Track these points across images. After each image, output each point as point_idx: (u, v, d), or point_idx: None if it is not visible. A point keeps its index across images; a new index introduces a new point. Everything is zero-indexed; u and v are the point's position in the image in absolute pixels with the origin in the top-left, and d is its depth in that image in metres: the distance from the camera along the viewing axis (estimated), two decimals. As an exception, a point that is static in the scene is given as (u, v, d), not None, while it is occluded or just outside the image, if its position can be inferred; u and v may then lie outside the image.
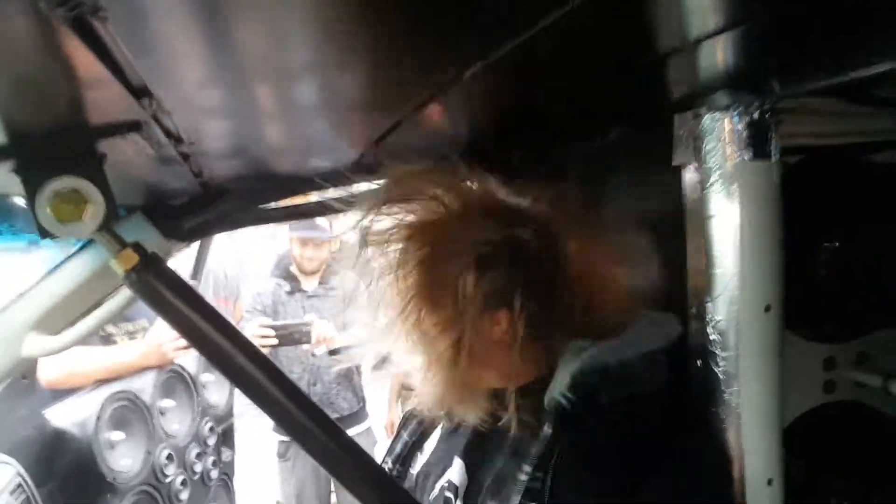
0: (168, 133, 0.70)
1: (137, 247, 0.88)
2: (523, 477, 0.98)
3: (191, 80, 0.57)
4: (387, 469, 1.28)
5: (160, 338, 2.43)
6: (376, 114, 0.84)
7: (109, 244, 0.87)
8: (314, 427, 0.95)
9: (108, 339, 2.52)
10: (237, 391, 2.96)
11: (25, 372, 1.76)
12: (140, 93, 0.53)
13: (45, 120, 0.62)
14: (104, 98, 0.56)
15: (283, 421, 0.96)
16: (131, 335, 2.60)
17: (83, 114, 0.61)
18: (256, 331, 3.26)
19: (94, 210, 0.77)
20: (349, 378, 3.78)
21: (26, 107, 0.57)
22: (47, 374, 2.24)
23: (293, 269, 3.81)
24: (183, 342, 2.39)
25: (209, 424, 2.69)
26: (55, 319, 1.24)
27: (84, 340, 1.21)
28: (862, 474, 1.18)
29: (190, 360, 2.61)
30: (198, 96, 0.63)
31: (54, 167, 0.74)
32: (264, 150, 1.04)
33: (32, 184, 0.75)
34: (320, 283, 3.80)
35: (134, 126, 0.63)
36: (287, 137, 0.95)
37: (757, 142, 0.92)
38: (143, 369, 2.41)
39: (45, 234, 0.77)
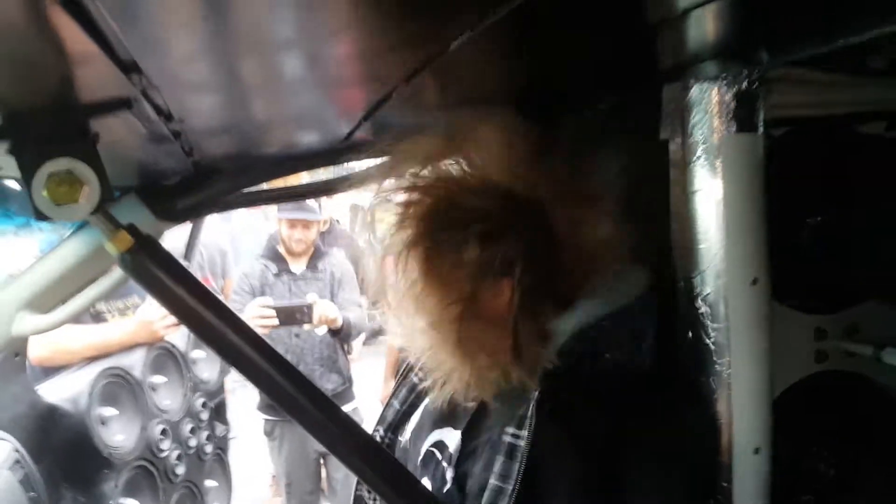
0: (158, 110, 0.70)
1: (132, 228, 0.88)
2: (506, 438, 1.01)
3: (178, 55, 0.57)
4: (378, 437, 1.29)
5: (151, 315, 2.43)
6: (366, 86, 0.84)
7: (104, 226, 0.87)
8: (307, 402, 0.96)
9: (98, 317, 2.52)
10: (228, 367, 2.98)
11: (17, 349, 1.76)
12: (129, 68, 0.53)
13: (38, 99, 0.62)
14: (95, 75, 0.56)
15: (278, 397, 0.97)
16: (122, 312, 2.60)
17: (75, 92, 0.61)
18: (257, 311, 3.25)
19: (90, 191, 0.76)
20: (333, 359, 3.77)
21: (19, 86, 0.56)
22: (36, 351, 2.24)
23: (280, 249, 3.77)
24: (173, 319, 2.39)
25: (201, 400, 2.71)
26: (47, 299, 1.24)
27: (74, 318, 1.22)
28: (851, 443, 1.19)
29: (179, 336, 2.61)
30: (185, 71, 0.63)
31: (49, 148, 0.74)
32: (254, 127, 1.04)
33: (28, 165, 0.74)
34: (308, 265, 3.77)
35: (124, 103, 0.63)
36: (276, 112, 0.95)
37: (744, 113, 0.92)
38: (133, 346, 2.41)
39: (40, 216, 0.77)
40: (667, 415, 1.03)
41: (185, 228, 3.01)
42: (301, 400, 0.95)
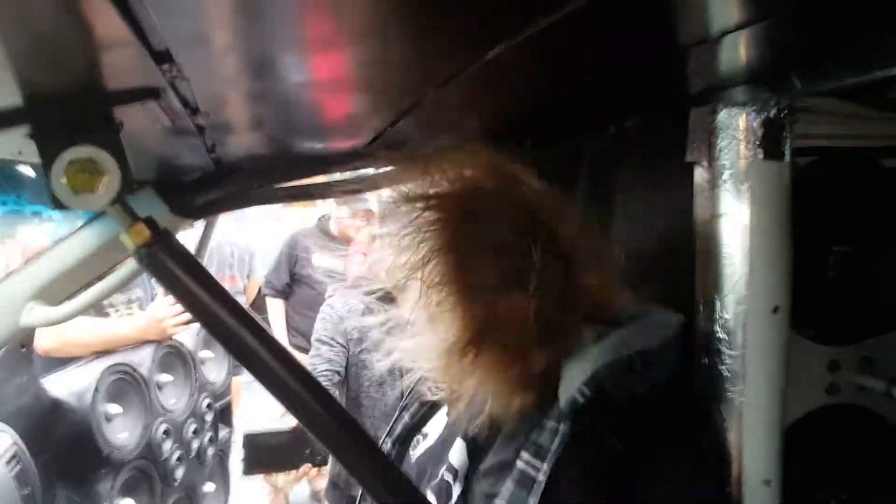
0: (185, 102, 0.69)
1: (150, 222, 0.87)
2: (521, 465, 0.98)
3: (213, 48, 0.57)
4: (386, 450, 1.28)
5: (160, 312, 2.43)
6: (397, 92, 0.84)
7: (122, 218, 0.86)
8: (320, 409, 0.94)
9: (100, 310, 2.49)
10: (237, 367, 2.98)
11: (24, 340, 1.75)
12: (161, 57, 0.52)
13: (63, 82, 0.61)
14: (124, 61, 0.55)
15: (289, 401, 0.95)
16: (126, 305, 2.58)
17: (101, 77, 0.60)
18: None
19: (110, 181, 0.75)
20: None
21: (44, 68, 0.56)
22: (42, 341, 2.23)
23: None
24: (183, 317, 2.38)
25: (207, 401, 2.70)
26: (57, 290, 1.23)
27: (85, 312, 1.21)
28: (861, 478, 1.17)
29: (188, 336, 2.61)
30: (218, 64, 0.62)
31: (71, 135, 0.73)
32: (280, 127, 1.04)
33: (49, 151, 0.73)
34: None
35: (152, 93, 0.62)
36: (305, 114, 0.94)
37: (771, 141, 0.91)
38: (141, 343, 2.40)
39: (58, 204, 0.76)
40: (682, 443, 1.02)
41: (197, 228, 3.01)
42: (312, 406, 0.94)
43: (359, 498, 1.28)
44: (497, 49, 0.60)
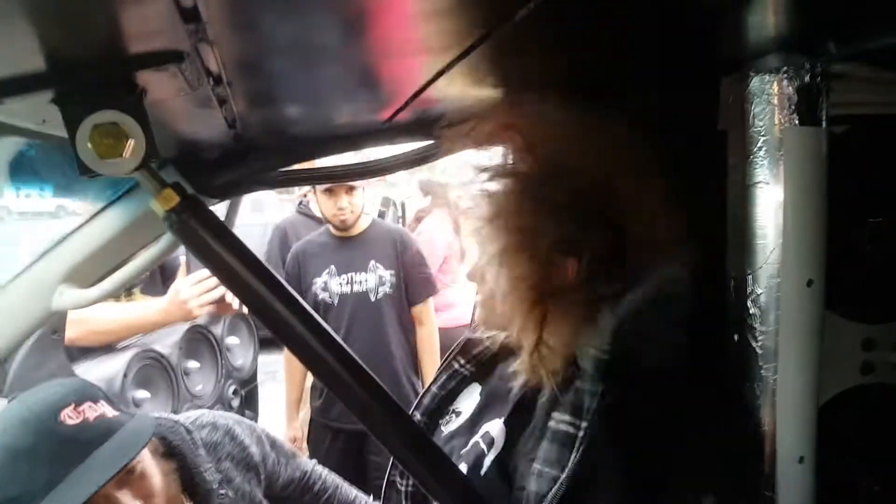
0: (208, 71, 0.68)
1: (178, 186, 0.87)
2: (555, 425, 1.01)
3: (240, 6, 0.55)
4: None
5: (185, 293, 2.33)
6: (420, 59, 0.82)
7: (150, 183, 0.86)
8: (350, 378, 0.95)
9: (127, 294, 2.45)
10: (260, 357, 2.99)
11: (56, 325, 1.75)
12: (188, 15, 0.51)
13: (86, 45, 0.60)
14: (149, 19, 0.54)
15: (319, 370, 0.96)
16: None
17: (125, 39, 0.59)
18: None
19: (135, 146, 0.75)
20: None
21: (67, 29, 0.55)
22: (66, 332, 2.20)
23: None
24: (207, 298, 2.34)
25: (233, 387, 2.71)
26: (88, 271, 1.23)
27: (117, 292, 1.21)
28: (893, 459, 1.15)
29: (215, 323, 2.62)
30: (244, 27, 0.61)
31: (95, 100, 0.72)
32: (300, 99, 1.03)
33: (73, 117, 0.73)
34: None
35: (175, 56, 0.61)
36: (327, 82, 0.93)
37: (807, 107, 0.89)
38: (166, 325, 2.37)
39: (84, 170, 0.75)
40: (711, 421, 1.00)
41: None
42: (344, 375, 0.94)
43: (388, 473, 1.28)
44: (529, 6, 0.59)
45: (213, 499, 1.45)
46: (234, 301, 2.42)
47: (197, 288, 2.32)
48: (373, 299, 3.35)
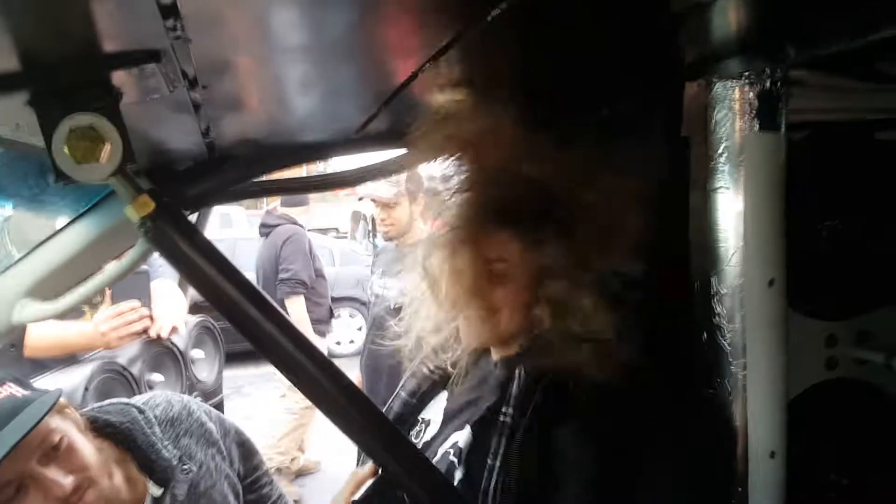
0: (184, 73, 0.68)
1: (154, 193, 0.86)
2: (501, 418, 1.06)
3: (220, 3, 0.55)
4: None
5: (104, 325, 2.29)
6: (394, 62, 0.83)
7: (126, 189, 0.85)
8: (329, 384, 0.95)
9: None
10: (225, 371, 2.96)
11: (14, 339, 1.72)
12: (168, 11, 0.51)
13: (63, 40, 0.59)
14: (128, 13, 0.54)
15: (296, 377, 0.96)
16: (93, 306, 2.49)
17: (101, 37, 0.59)
18: None
19: (111, 150, 0.74)
20: None
21: (42, 27, 0.54)
22: None
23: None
24: (128, 330, 2.30)
25: (198, 400, 2.67)
26: (51, 285, 1.21)
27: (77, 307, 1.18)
28: (863, 451, 1.18)
29: (180, 336, 2.59)
30: (221, 27, 0.61)
31: (71, 102, 0.72)
32: (274, 106, 1.03)
33: (49, 119, 0.72)
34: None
35: (152, 56, 0.61)
36: (300, 87, 0.93)
37: (767, 113, 0.91)
38: (89, 349, 2.31)
39: (61, 175, 0.74)
40: (680, 418, 1.02)
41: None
42: (322, 381, 0.94)
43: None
44: (495, 12, 0.60)
45: (175, 474, 1.43)
46: (162, 330, 2.41)
47: (115, 321, 2.28)
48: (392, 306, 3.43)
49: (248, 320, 0.91)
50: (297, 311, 4.56)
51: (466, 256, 1.06)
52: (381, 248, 3.91)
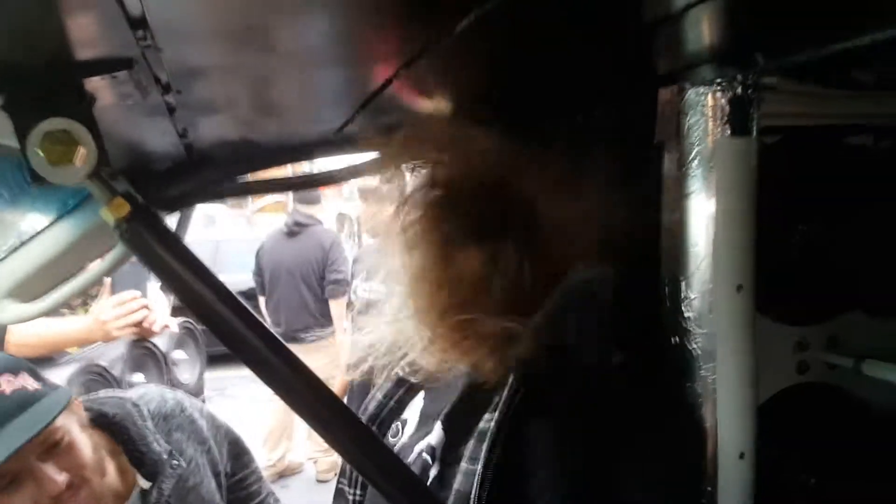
0: (157, 78, 0.69)
1: (129, 196, 0.87)
2: (482, 424, 1.04)
3: (188, 14, 0.56)
4: None
5: (105, 315, 2.32)
6: (367, 68, 0.84)
7: (101, 191, 0.86)
8: (303, 387, 0.95)
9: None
10: (209, 372, 2.96)
11: (-7, 341, 1.72)
12: (137, 23, 0.52)
13: (35, 51, 0.60)
14: (98, 24, 0.55)
15: (271, 379, 0.96)
16: (83, 303, 2.50)
17: (73, 46, 0.60)
18: None
19: (86, 154, 0.75)
20: None
21: (14, 33, 0.55)
22: None
23: None
24: (130, 320, 2.31)
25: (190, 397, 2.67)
26: (30, 288, 1.21)
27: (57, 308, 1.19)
28: (831, 454, 1.20)
29: (161, 338, 2.59)
30: (192, 35, 0.62)
31: (45, 107, 0.72)
32: (251, 109, 1.03)
33: (23, 123, 0.73)
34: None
35: (124, 63, 0.62)
36: (277, 92, 0.94)
37: (738, 118, 0.93)
38: (87, 343, 2.33)
39: (36, 178, 0.75)
40: (651, 419, 1.03)
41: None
42: (294, 382, 0.94)
43: (336, 481, 1.29)
44: (466, 21, 0.61)
45: (163, 468, 1.44)
46: (156, 323, 2.41)
47: (118, 310, 2.29)
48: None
49: (222, 322, 0.92)
50: (339, 308, 4.84)
51: (432, 259, 1.06)
52: (357, 255, 4.08)
